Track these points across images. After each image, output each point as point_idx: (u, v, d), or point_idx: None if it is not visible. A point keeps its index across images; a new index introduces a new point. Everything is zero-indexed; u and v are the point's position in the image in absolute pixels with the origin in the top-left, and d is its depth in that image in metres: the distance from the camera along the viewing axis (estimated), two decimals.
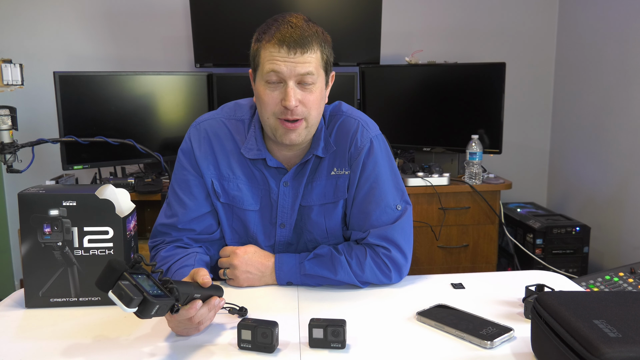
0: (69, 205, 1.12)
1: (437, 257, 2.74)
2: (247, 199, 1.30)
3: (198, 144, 1.30)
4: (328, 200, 1.31)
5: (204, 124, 1.32)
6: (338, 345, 0.97)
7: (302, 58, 1.16)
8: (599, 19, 2.93)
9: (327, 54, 1.22)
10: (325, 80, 1.24)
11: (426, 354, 0.97)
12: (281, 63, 1.15)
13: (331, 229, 1.32)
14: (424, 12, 3.22)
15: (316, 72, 1.18)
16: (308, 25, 1.18)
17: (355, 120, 1.31)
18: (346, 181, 1.30)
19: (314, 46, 1.17)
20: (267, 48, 1.17)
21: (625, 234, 2.75)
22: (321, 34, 1.21)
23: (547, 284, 1.17)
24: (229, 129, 1.31)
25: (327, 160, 1.30)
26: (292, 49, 1.15)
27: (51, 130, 2.82)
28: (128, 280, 0.84)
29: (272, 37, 1.16)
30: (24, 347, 1.00)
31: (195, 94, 2.78)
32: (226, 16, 2.84)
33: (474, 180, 2.69)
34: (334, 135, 1.30)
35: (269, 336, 0.96)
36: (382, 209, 1.27)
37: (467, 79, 2.80)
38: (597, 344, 0.78)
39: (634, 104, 2.66)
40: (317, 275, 1.25)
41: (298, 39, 1.15)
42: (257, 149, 1.28)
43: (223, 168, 1.30)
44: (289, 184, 1.30)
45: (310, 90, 1.19)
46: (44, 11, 3.01)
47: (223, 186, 1.30)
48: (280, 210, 1.31)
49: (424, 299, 1.20)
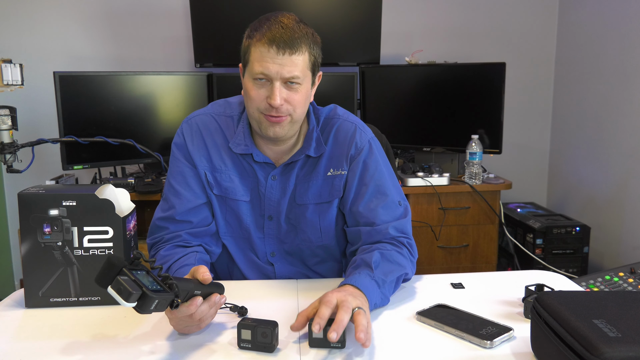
0: (68, 205, 1.12)
1: (437, 257, 2.74)
2: (239, 189, 1.33)
3: (190, 137, 1.33)
4: (323, 199, 1.34)
5: (195, 119, 1.36)
6: (338, 345, 0.97)
7: (290, 59, 1.18)
8: (599, 18, 2.93)
9: (316, 55, 1.25)
10: (311, 80, 1.27)
11: (426, 353, 0.97)
12: (269, 64, 1.18)
13: (325, 228, 1.35)
14: (424, 12, 3.22)
15: (302, 74, 1.21)
16: (299, 26, 1.20)
17: (352, 124, 1.36)
18: (342, 181, 1.33)
19: (303, 47, 1.20)
20: (257, 47, 1.20)
21: (625, 234, 2.75)
22: (311, 35, 1.23)
23: (547, 284, 1.17)
24: (219, 124, 1.34)
25: (324, 161, 1.33)
26: (281, 49, 1.17)
27: (51, 130, 2.82)
28: (127, 276, 0.83)
29: (263, 36, 1.19)
30: (24, 347, 1.00)
31: (195, 94, 2.78)
32: (226, 16, 2.84)
33: (474, 180, 2.69)
34: (332, 137, 1.34)
35: (269, 336, 0.96)
36: (388, 204, 1.31)
37: (467, 79, 2.80)
38: (597, 343, 0.78)
39: (634, 104, 2.66)
40: (394, 279, 1.18)
41: (288, 40, 1.17)
42: (244, 144, 1.31)
43: (215, 160, 1.33)
44: (276, 178, 1.34)
45: (296, 90, 1.22)
46: (44, 11, 3.01)
47: (216, 178, 1.33)
48: (267, 203, 1.34)
49: (423, 298, 1.20)
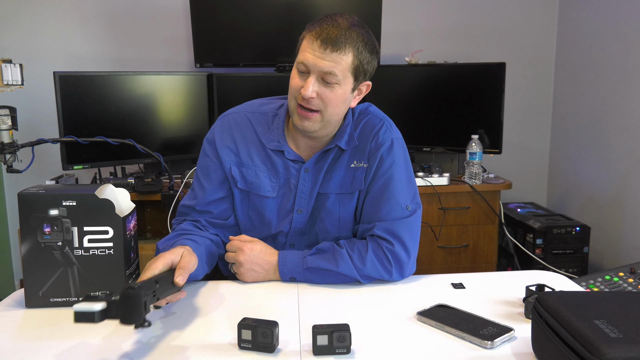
0: (68, 205, 1.12)
1: (437, 257, 2.74)
2: (265, 185, 1.37)
3: (220, 134, 1.39)
4: (345, 190, 1.36)
5: (229, 116, 1.41)
6: (343, 351, 0.96)
7: (330, 56, 1.21)
8: (599, 19, 2.93)
9: (363, 61, 1.25)
10: (353, 85, 1.28)
11: (426, 354, 0.97)
12: (310, 55, 1.22)
13: (343, 219, 1.37)
14: (424, 12, 3.22)
15: (341, 74, 1.23)
16: (352, 29, 1.22)
17: (381, 120, 1.39)
18: (363, 173, 1.35)
19: (347, 49, 1.21)
20: (307, 38, 1.24)
21: (625, 234, 2.75)
22: (364, 39, 1.24)
23: (548, 284, 1.17)
24: (250, 121, 1.39)
25: (349, 153, 1.36)
26: (324, 45, 1.20)
27: (51, 130, 2.82)
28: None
29: (314, 29, 1.23)
30: (24, 347, 1.00)
31: (195, 94, 2.78)
32: (226, 16, 2.84)
33: (474, 180, 2.69)
34: (359, 130, 1.37)
35: (269, 336, 0.96)
36: (392, 205, 1.31)
37: (467, 79, 2.80)
38: (597, 344, 0.78)
39: (634, 104, 2.66)
40: (319, 268, 1.26)
41: (334, 38, 1.20)
42: (277, 141, 1.36)
43: (243, 156, 1.37)
44: (309, 171, 1.36)
45: (332, 88, 1.24)
46: (44, 11, 3.01)
47: (242, 172, 1.37)
48: (299, 196, 1.37)
49: (424, 299, 1.20)
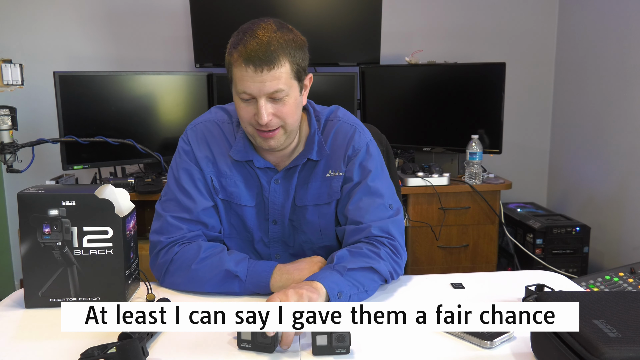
0: (68, 205, 1.12)
1: (437, 257, 2.74)
2: (244, 195, 1.34)
3: (197, 143, 1.34)
4: (322, 201, 1.35)
5: (200, 125, 1.36)
6: (343, 351, 0.96)
7: (269, 75, 1.15)
8: (599, 19, 2.93)
9: (299, 62, 1.20)
10: (299, 87, 1.24)
11: (426, 354, 0.97)
12: (250, 84, 1.16)
13: (325, 228, 1.36)
14: (424, 12, 3.22)
15: (286, 85, 1.18)
16: (276, 36, 1.16)
17: (352, 126, 1.36)
18: (340, 181, 1.34)
19: (282, 60, 1.16)
20: (236, 66, 1.18)
21: (625, 234, 2.75)
22: (291, 42, 1.18)
23: (547, 284, 1.17)
24: (222, 130, 1.35)
25: (323, 163, 1.34)
26: (259, 68, 1.15)
27: (51, 130, 2.82)
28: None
29: (240, 55, 1.16)
30: (24, 347, 1.01)
31: (195, 94, 2.78)
32: (226, 16, 2.84)
33: (474, 180, 2.68)
34: (331, 139, 1.34)
35: (269, 336, 0.96)
36: (378, 205, 1.30)
37: (467, 79, 2.80)
38: (596, 344, 0.78)
39: (634, 104, 2.66)
40: (360, 268, 1.17)
41: (263, 57, 1.14)
42: (244, 152, 1.31)
43: (221, 165, 1.33)
44: (279, 182, 1.34)
45: (283, 102, 1.20)
46: (44, 11, 3.01)
47: (221, 182, 1.34)
48: (271, 207, 1.35)
49: (424, 299, 1.20)
